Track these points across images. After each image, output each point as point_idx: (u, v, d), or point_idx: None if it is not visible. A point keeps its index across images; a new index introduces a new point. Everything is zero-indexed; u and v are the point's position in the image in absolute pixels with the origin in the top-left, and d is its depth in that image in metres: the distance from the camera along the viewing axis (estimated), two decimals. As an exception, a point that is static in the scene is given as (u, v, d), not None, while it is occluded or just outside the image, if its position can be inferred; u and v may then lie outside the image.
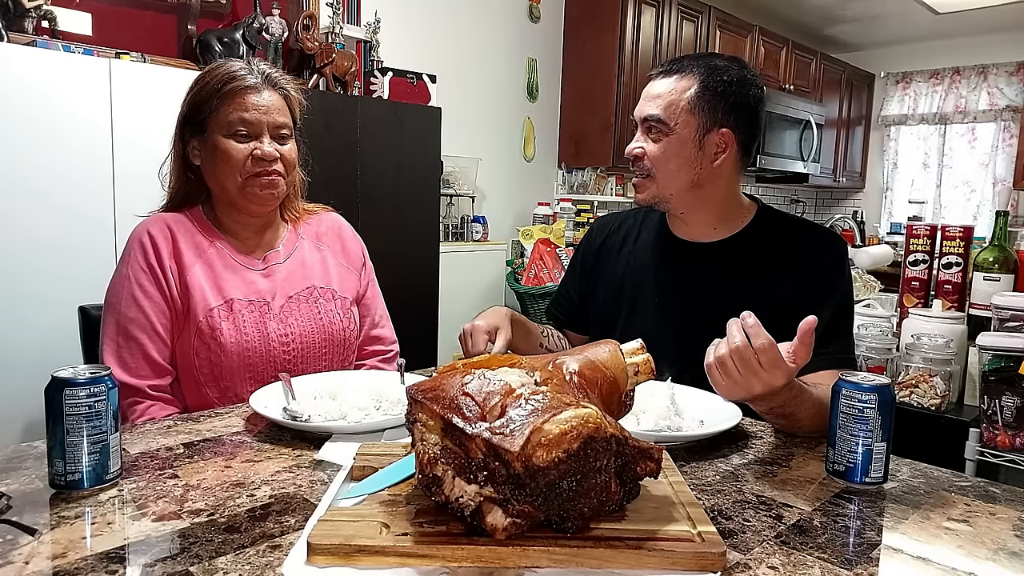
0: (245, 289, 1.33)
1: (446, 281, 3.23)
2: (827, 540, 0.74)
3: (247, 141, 1.28)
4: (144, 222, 1.32)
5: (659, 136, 1.26)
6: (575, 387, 0.75)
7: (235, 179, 1.28)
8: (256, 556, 0.67)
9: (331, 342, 1.40)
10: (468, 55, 3.79)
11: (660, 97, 1.26)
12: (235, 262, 1.34)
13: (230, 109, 1.27)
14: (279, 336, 1.32)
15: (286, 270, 1.39)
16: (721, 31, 4.65)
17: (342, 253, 1.50)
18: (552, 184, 4.33)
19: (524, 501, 0.65)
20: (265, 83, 1.30)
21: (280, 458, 0.94)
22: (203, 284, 1.29)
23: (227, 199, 1.33)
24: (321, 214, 1.52)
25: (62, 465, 0.80)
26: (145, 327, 1.26)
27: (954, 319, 1.80)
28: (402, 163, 2.93)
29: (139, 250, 1.28)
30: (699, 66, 1.26)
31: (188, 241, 1.31)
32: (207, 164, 1.31)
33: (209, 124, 1.28)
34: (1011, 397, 1.50)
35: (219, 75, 1.28)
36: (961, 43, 5.74)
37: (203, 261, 1.31)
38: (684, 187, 1.28)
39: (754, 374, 0.93)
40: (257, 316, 1.31)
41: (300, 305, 1.37)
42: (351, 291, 1.48)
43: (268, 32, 2.87)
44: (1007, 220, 1.93)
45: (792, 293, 1.25)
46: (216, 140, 1.27)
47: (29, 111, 1.96)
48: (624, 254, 1.44)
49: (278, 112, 1.30)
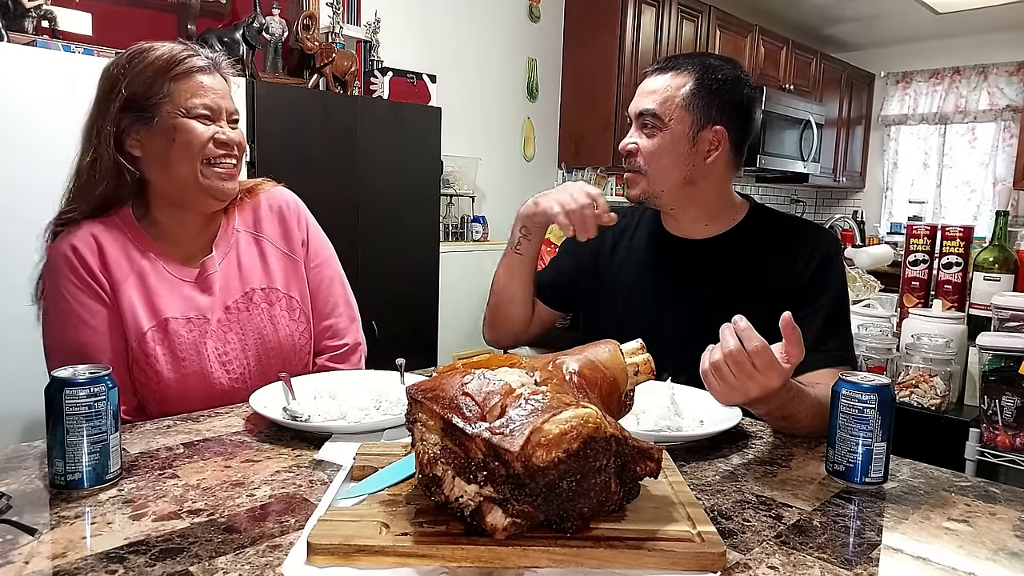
0: (183, 306, 1.20)
1: (446, 281, 3.23)
2: (827, 540, 0.74)
3: (207, 123, 1.17)
4: (63, 236, 1.18)
5: (653, 131, 1.27)
6: (575, 387, 0.75)
7: (193, 165, 1.16)
8: (256, 556, 0.67)
9: (280, 352, 1.27)
10: (468, 55, 3.79)
11: (655, 93, 1.27)
12: (169, 274, 1.21)
13: (186, 92, 1.15)
14: (218, 356, 1.21)
15: (222, 276, 1.25)
16: (721, 31, 4.65)
17: (283, 238, 1.34)
18: (552, 184, 4.32)
19: (524, 501, 0.65)
20: (214, 66, 1.21)
21: (280, 458, 0.94)
22: (135, 303, 1.17)
23: (174, 194, 1.20)
24: (259, 194, 1.35)
25: (62, 465, 0.80)
26: (100, 348, 1.15)
27: (954, 319, 1.80)
28: (402, 163, 2.93)
29: (67, 267, 1.15)
30: (694, 64, 1.27)
31: (117, 253, 1.18)
32: (154, 154, 1.17)
33: (160, 110, 1.15)
34: (1011, 397, 1.50)
35: (164, 56, 1.16)
36: (961, 43, 5.74)
37: (135, 275, 1.18)
38: (676, 183, 1.29)
39: (750, 377, 0.93)
40: (195, 336, 1.19)
41: (240, 315, 1.24)
42: (297, 284, 1.33)
43: (268, 32, 2.87)
44: (1007, 220, 1.93)
45: (785, 290, 1.26)
46: (174, 123, 1.15)
47: (29, 111, 1.96)
48: (620, 250, 1.44)
49: (229, 97, 1.21)
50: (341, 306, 1.41)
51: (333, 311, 1.39)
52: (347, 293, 1.44)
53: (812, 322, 1.23)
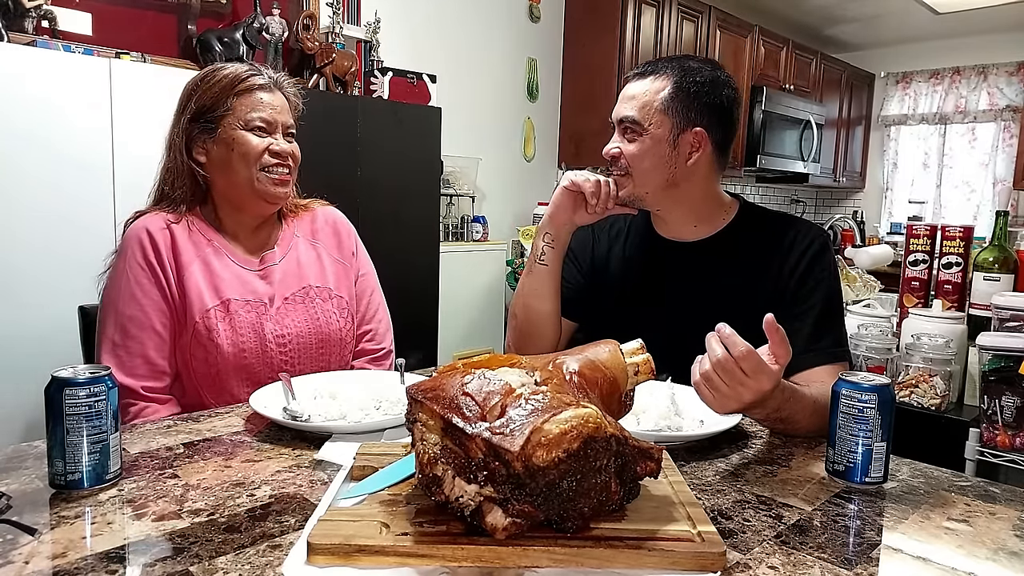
0: (242, 290, 1.32)
1: (446, 281, 3.23)
2: (827, 540, 0.74)
3: (263, 136, 1.30)
4: (142, 219, 1.31)
5: (634, 136, 1.28)
6: (575, 387, 0.75)
7: (250, 171, 1.29)
8: (256, 556, 0.67)
9: (327, 342, 1.39)
10: (468, 55, 3.79)
11: (635, 99, 1.28)
12: (232, 262, 1.34)
13: (247, 106, 1.30)
14: (276, 337, 1.32)
15: (282, 270, 1.38)
16: (721, 31, 4.65)
17: (337, 248, 1.50)
18: (552, 184, 4.33)
19: (524, 501, 0.65)
20: (275, 84, 1.35)
21: (280, 458, 0.94)
22: (200, 284, 1.28)
23: (234, 196, 1.33)
24: (316, 209, 1.52)
25: (62, 465, 0.80)
26: (144, 325, 1.25)
27: (954, 319, 1.80)
28: (402, 163, 2.93)
29: (137, 247, 1.28)
30: (673, 67, 1.28)
31: (186, 240, 1.31)
32: (217, 160, 1.31)
33: (224, 121, 1.29)
34: (1011, 397, 1.50)
35: (230, 75, 1.31)
36: (961, 43, 5.73)
37: (200, 260, 1.30)
38: (659, 186, 1.29)
39: (741, 383, 0.92)
40: (254, 317, 1.31)
41: (296, 306, 1.37)
42: (347, 288, 1.47)
43: (268, 32, 2.87)
44: (1007, 220, 1.93)
45: (778, 288, 1.26)
46: (233, 134, 1.29)
47: (29, 111, 1.96)
48: (615, 252, 1.45)
49: (287, 113, 1.35)
50: (380, 313, 1.55)
51: (373, 317, 1.53)
52: (384, 306, 1.57)
53: (806, 319, 1.23)
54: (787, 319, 0.98)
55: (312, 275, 1.42)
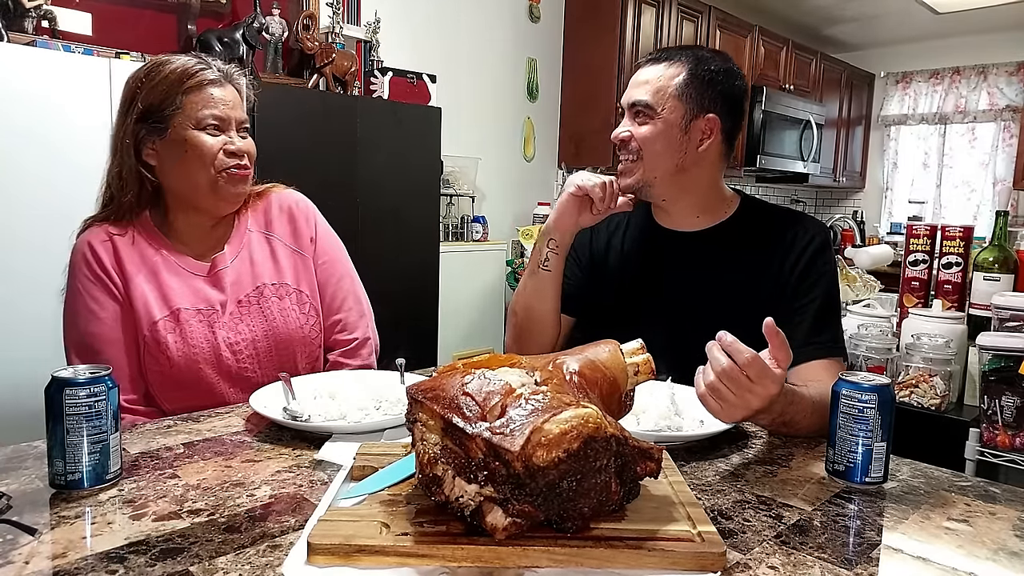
0: (193, 298, 1.26)
1: (446, 281, 3.23)
2: (827, 540, 0.74)
3: (217, 134, 1.23)
4: (84, 235, 1.27)
5: (646, 120, 1.28)
6: (575, 387, 0.75)
7: (207, 173, 1.23)
8: (256, 556, 0.67)
9: (288, 343, 1.32)
10: (468, 55, 3.79)
11: (648, 83, 1.28)
12: (182, 269, 1.28)
13: (198, 104, 1.22)
14: (229, 345, 1.26)
15: (235, 272, 1.31)
16: (721, 31, 4.65)
17: (293, 237, 1.40)
18: (552, 184, 4.33)
19: (524, 501, 0.65)
20: (225, 78, 1.27)
21: (280, 458, 0.94)
22: (147, 296, 1.23)
23: (189, 199, 1.27)
24: (271, 195, 1.42)
25: (62, 465, 0.80)
26: (109, 339, 1.22)
27: (954, 319, 1.80)
28: (402, 163, 2.93)
29: (83, 263, 1.24)
30: (687, 55, 1.29)
31: (130, 250, 1.25)
32: (169, 163, 1.24)
33: (173, 121, 1.21)
34: (1011, 397, 1.50)
35: (178, 70, 1.22)
36: (961, 43, 5.73)
37: (147, 270, 1.25)
38: (669, 171, 1.29)
39: (748, 391, 0.91)
40: (205, 326, 1.25)
41: (250, 308, 1.30)
42: (307, 280, 1.39)
43: (268, 32, 2.87)
44: (1007, 220, 1.93)
45: (779, 282, 1.27)
46: (185, 135, 1.21)
47: (29, 111, 1.96)
48: (613, 245, 1.44)
49: (240, 108, 1.28)
50: (350, 301, 1.45)
51: (342, 306, 1.43)
52: (357, 289, 1.47)
53: (806, 313, 1.24)
54: (787, 313, 0.99)
55: (266, 272, 1.34)
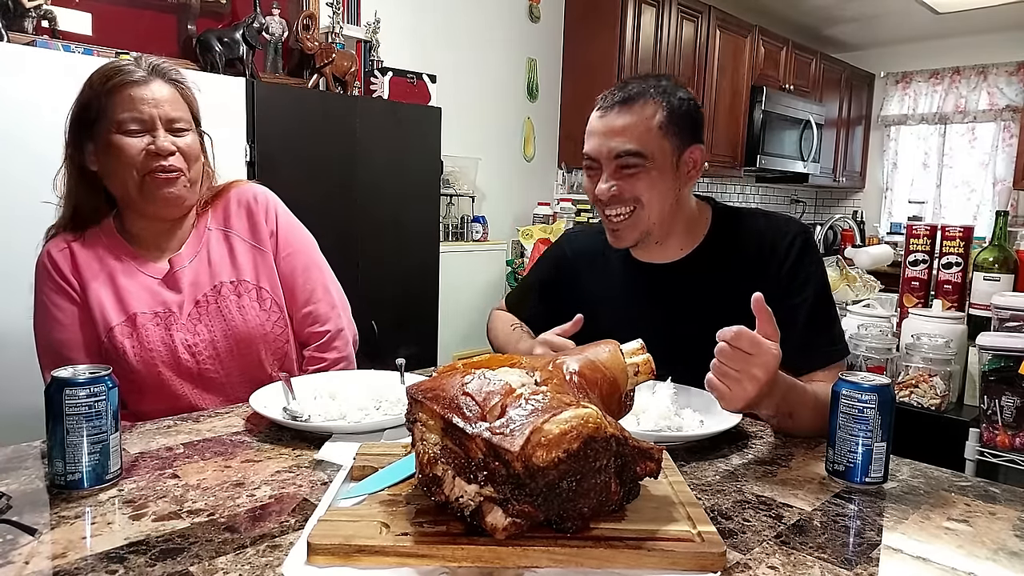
0: (150, 301, 1.25)
1: (446, 281, 3.23)
2: (827, 540, 0.74)
3: (140, 136, 1.19)
4: (45, 247, 1.28)
5: (636, 170, 1.21)
6: (575, 387, 0.75)
7: (132, 177, 1.19)
8: (256, 556, 0.67)
9: (250, 341, 1.30)
10: (468, 55, 3.79)
11: (627, 130, 1.20)
12: (139, 272, 1.26)
13: (117, 107, 1.18)
14: (187, 347, 1.25)
15: (193, 272, 1.29)
16: (721, 31, 4.65)
17: (251, 232, 1.36)
18: (552, 184, 4.33)
19: (524, 501, 0.65)
20: (153, 75, 1.22)
21: (280, 458, 0.94)
22: (103, 301, 1.23)
23: (129, 203, 1.25)
24: (230, 192, 1.38)
25: (62, 465, 0.80)
26: (74, 346, 1.23)
27: (954, 319, 1.80)
28: (402, 163, 2.93)
29: (45, 274, 1.25)
30: (654, 90, 1.23)
31: (88, 256, 1.25)
32: (104, 168, 1.22)
33: (100, 125, 1.19)
34: (1011, 397, 1.50)
35: (103, 72, 1.20)
36: (961, 43, 5.73)
37: (105, 275, 1.24)
38: (665, 213, 1.25)
39: (746, 362, 0.92)
40: (162, 330, 1.24)
41: (208, 308, 1.28)
42: (267, 275, 1.35)
43: (268, 32, 2.87)
44: (1007, 220, 1.93)
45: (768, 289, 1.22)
46: (109, 139, 1.19)
47: (29, 111, 1.96)
48: (594, 279, 1.41)
49: (170, 105, 1.22)
50: (319, 292, 1.40)
51: (311, 297, 1.39)
52: (326, 279, 1.43)
53: (799, 315, 1.21)
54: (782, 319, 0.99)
55: (224, 271, 1.31)
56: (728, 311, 1.03)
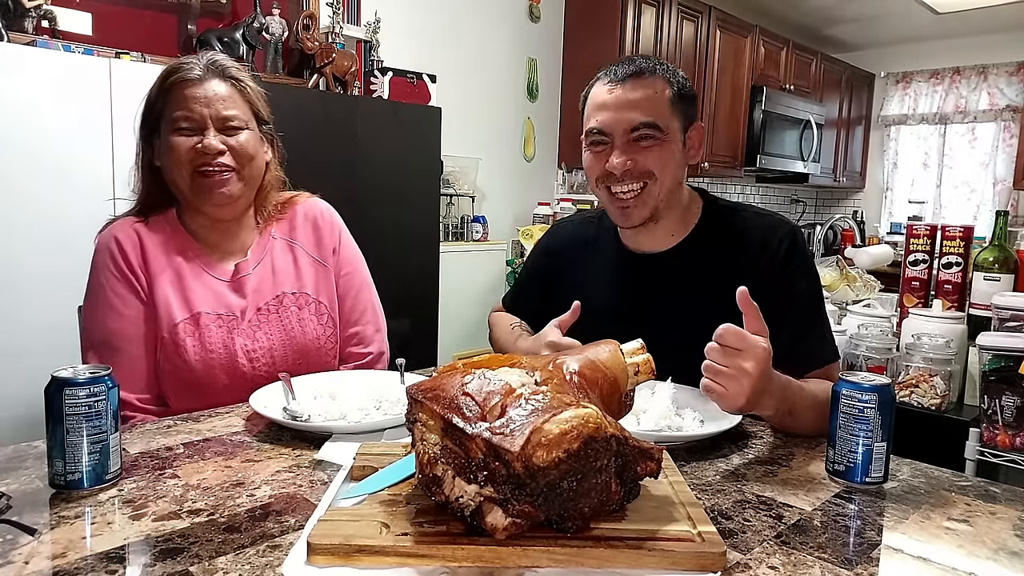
0: (214, 303, 1.26)
1: (446, 281, 3.23)
2: (827, 540, 0.74)
3: (191, 135, 1.21)
4: (110, 227, 1.27)
5: (652, 143, 1.21)
6: (575, 387, 0.75)
7: (183, 176, 1.22)
8: (256, 556, 0.67)
9: (305, 352, 1.32)
10: (468, 55, 3.79)
11: (640, 103, 1.20)
12: (204, 272, 1.28)
13: (173, 104, 1.21)
14: (246, 352, 1.26)
15: (256, 279, 1.31)
16: (721, 31, 4.65)
17: (316, 247, 1.39)
18: (552, 184, 4.33)
19: (524, 501, 0.65)
20: (210, 73, 1.23)
21: (280, 458, 0.94)
22: (169, 296, 1.23)
23: (186, 201, 1.27)
24: (297, 204, 1.41)
25: (62, 465, 0.80)
26: (130, 337, 1.22)
27: (954, 319, 1.80)
28: (402, 163, 2.93)
29: (108, 257, 1.23)
30: (658, 68, 1.23)
31: (156, 248, 1.25)
32: (164, 165, 1.24)
33: (161, 123, 1.22)
34: (1011, 397, 1.50)
35: (165, 71, 1.23)
36: (961, 43, 5.73)
37: (172, 271, 1.25)
38: (672, 191, 1.25)
39: (737, 357, 0.93)
40: (224, 332, 1.25)
41: (269, 317, 1.30)
42: (327, 291, 1.38)
43: (268, 32, 2.87)
44: (1007, 220, 1.93)
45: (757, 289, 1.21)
46: (166, 139, 1.21)
47: (29, 111, 1.96)
48: (582, 270, 1.40)
49: (223, 103, 1.22)
50: (368, 314, 1.44)
51: (360, 318, 1.43)
52: (375, 303, 1.47)
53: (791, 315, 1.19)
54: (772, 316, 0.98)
55: (288, 281, 1.34)
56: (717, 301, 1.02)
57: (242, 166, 1.25)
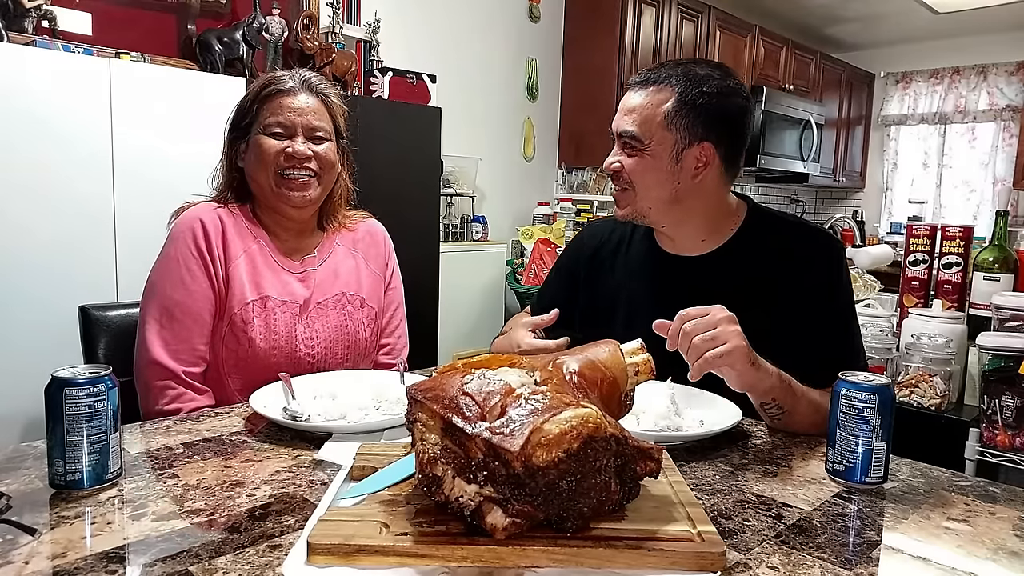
0: (281, 289, 1.35)
1: (446, 281, 3.23)
2: (827, 540, 0.74)
3: (281, 139, 1.32)
4: (196, 208, 1.35)
5: (634, 152, 1.22)
6: (575, 387, 0.75)
7: (267, 175, 1.32)
8: (256, 556, 0.67)
9: (353, 350, 1.42)
10: (468, 55, 3.79)
11: (635, 112, 1.21)
12: (274, 262, 1.38)
13: (268, 112, 1.32)
14: (305, 340, 1.35)
15: (320, 275, 1.41)
16: (721, 31, 4.65)
17: (375, 258, 1.53)
18: (552, 184, 4.33)
19: (524, 501, 0.65)
20: (303, 87, 1.36)
21: (280, 458, 0.94)
22: (243, 278, 1.32)
23: (264, 199, 1.37)
24: (361, 222, 1.56)
25: (62, 465, 0.80)
26: (191, 311, 1.29)
27: (954, 319, 1.80)
28: (402, 163, 2.93)
29: (189, 234, 1.31)
30: (678, 76, 1.20)
31: (236, 233, 1.35)
32: (248, 165, 1.36)
33: (251, 128, 1.34)
34: (1011, 397, 1.50)
35: (261, 82, 1.36)
36: (961, 43, 5.74)
37: (247, 255, 1.35)
38: (663, 202, 1.24)
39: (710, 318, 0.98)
40: (288, 317, 1.34)
41: (328, 311, 1.39)
42: (377, 299, 1.50)
43: (268, 32, 2.87)
44: (1007, 220, 1.93)
45: (793, 300, 1.21)
46: (256, 139, 1.32)
47: (29, 111, 1.96)
48: (617, 267, 1.39)
49: (314, 115, 1.35)
50: (399, 329, 1.57)
51: (393, 332, 1.56)
52: (405, 322, 1.60)
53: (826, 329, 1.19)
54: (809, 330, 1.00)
55: (348, 283, 1.44)
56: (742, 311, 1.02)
57: (323, 173, 1.36)
